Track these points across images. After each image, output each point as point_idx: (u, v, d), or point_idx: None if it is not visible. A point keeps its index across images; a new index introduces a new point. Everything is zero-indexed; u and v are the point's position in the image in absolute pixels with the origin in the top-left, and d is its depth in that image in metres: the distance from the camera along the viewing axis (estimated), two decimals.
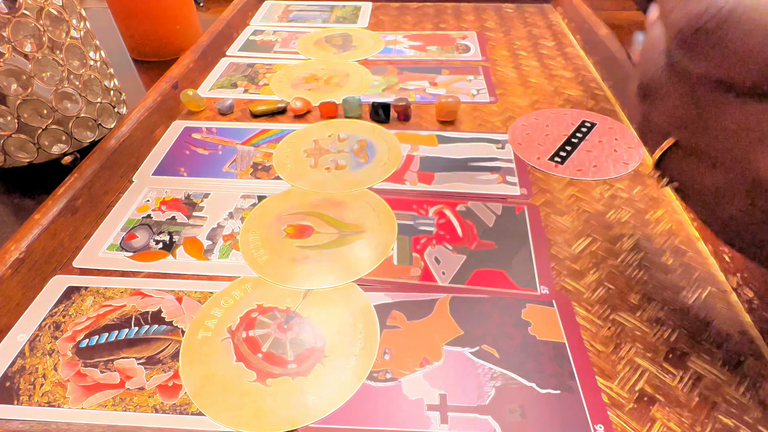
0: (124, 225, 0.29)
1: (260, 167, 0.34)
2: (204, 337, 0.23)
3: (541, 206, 0.30)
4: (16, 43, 0.29)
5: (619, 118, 0.38)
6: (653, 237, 0.28)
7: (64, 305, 0.25)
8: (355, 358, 0.22)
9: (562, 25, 0.55)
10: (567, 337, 0.23)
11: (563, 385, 0.21)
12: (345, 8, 0.60)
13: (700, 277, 0.25)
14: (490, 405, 0.20)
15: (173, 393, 0.21)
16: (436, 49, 0.49)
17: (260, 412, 0.20)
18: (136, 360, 0.22)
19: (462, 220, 0.29)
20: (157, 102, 0.37)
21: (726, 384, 0.21)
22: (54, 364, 0.22)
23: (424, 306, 0.24)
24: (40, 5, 0.30)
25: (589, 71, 0.45)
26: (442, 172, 0.33)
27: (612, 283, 0.25)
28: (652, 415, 0.20)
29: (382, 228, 0.29)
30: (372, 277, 0.26)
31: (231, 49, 0.50)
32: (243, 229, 0.29)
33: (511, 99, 0.41)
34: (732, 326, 0.23)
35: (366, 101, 0.40)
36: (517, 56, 0.48)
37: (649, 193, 0.31)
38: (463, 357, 0.22)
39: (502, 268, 0.26)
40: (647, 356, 0.22)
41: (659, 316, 0.24)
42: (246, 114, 0.40)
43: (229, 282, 0.26)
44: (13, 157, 0.32)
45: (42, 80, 0.31)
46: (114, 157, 0.32)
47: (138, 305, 0.24)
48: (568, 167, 0.33)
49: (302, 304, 0.25)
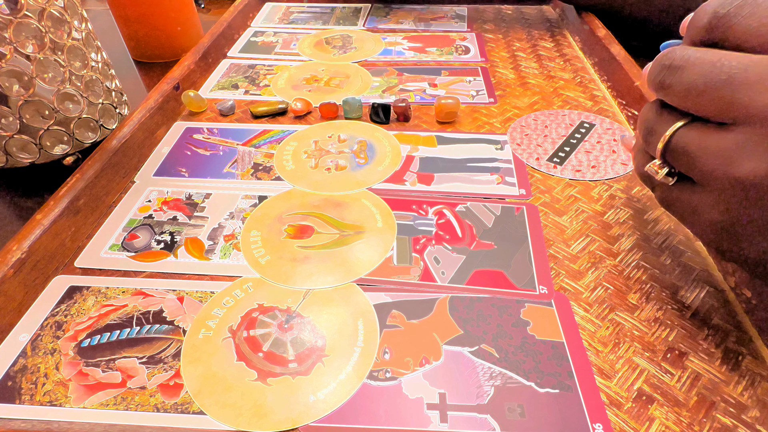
0: (126, 225, 0.29)
1: (261, 168, 0.34)
2: (205, 337, 0.23)
3: (540, 206, 0.30)
4: (18, 44, 0.29)
5: (618, 119, 0.38)
6: (651, 237, 0.28)
7: (66, 305, 0.25)
8: (355, 357, 0.22)
9: (561, 26, 0.55)
10: (566, 337, 0.23)
11: (562, 385, 0.21)
12: (345, 10, 0.60)
13: (698, 277, 0.26)
14: (489, 404, 0.20)
15: (174, 392, 0.21)
16: (435, 50, 0.50)
17: (261, 411, 0.20)
18: (137, 359, 0.22)
19: (461, 220, 0.29)
20: (158, 103, 0.37)
21: (724, 383, 0.21)
22: (56, 364, 0.22)
23: (423, 306, 0.24)
24: (42, 6, 0.30)
25: (588, 72, 0.45)
26: (442, 173, 0.33)
27: (611, 282, 0.26)
28: (650, 414, 0.20)
29: (382, 228, 0.29)
30: (372, 277, 0.26)
31: (232, 51, 0.50)
32: (244, 229, 0.29)
33: (511, 100, 0.41)
34: (730, 326, 0.23)
35: (366, 102, 0.40)
36: (516, 57, 0.48)
37: (648, 193, 0.31)
38: (462, 356, 0.22)
39: (501, 268, 0.26)
40: (646, 356, 0.22)
41: (657, 316, 0.24)
42: (247, 115, 0.40)
43: (230, 282, 0.26)
44: (15, 157, 0.32)
45: (44, 81, 0.31)
46: (115, 158, 0.32)
47: (139, 305, 0.25)
48: (566, 168, 0.33)
49: (303, 303, 0.25)
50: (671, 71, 0.19)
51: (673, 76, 0.19)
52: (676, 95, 0.19)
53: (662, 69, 0.19)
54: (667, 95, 0.19)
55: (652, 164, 0.21)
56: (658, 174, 0.20)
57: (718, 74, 0.17)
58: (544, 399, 0.21)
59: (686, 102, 0.18)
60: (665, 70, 0.19)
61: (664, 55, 0.19)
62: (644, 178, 0.23)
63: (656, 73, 0.20)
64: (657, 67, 0.20)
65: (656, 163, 0.20)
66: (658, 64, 0.20)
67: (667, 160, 0.20)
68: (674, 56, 0.19)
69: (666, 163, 0.20)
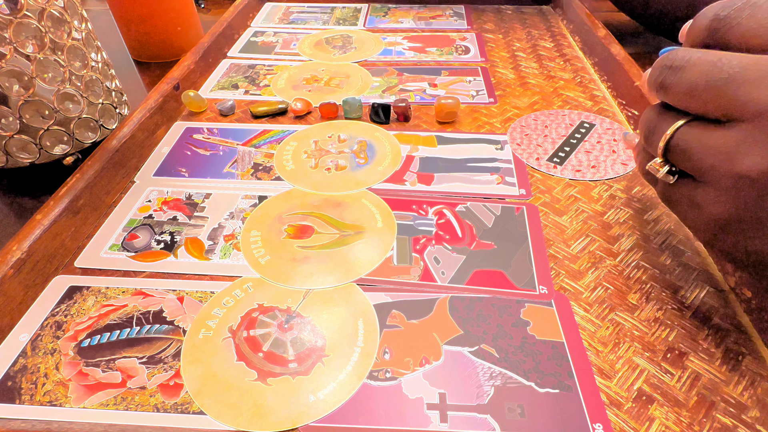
0: (126, 225, 0.29)
1: (261, 168, 0.34)
2: (205, 337, 0.23)
3: (540, 206, 0.30)
4: (18, 44, 0.29)
5: (618, 119, 0.38)
6: (651, 237, 0.28)
7: (66, 305, 0.25)
8: (355, 357, 0.22)
9: (561, 26, 0.55)
10: (566, 337, 0.23)
11: (562, 385, 0.21)
12: (345, 10, 0.60)
13: (698, 277, 0.26)
14: (489, 404, 0.20)
15: (174, 392, 0.21)
16: (435, 50, 0.50)
17: (261, 411, 0.20)
18: (137, 359, 0.22)
19: (461, 220, 0.29)
20: (158, 103, 0.37)
21: (724, 383, 0.21)
22: (56, 364, 0.22)
23: (423, 306, 0.24)
24: (42, 6, 0.30)
25: (588, 72, 0.45)
26: (442, 173, 0.33)
27: (611, 282, 0.26)
28: (650, 414, 0.20)
29: (382, 228, 0.29)
30: (372, 277, 0.26)
31: (232, 51, 0.50)
32: (244, 229, 0.29)
33: (511, 100, 0.41)
34: (730, 326, 0.23)
35: (366, 102, 0.40)
36: (516, 57, 0.48)
37: (648, 193, 0.31)
38: (462, 356, 0.22)
39: (501, 268, 0.26)
40: (646, 356, 0.22)
41: (657, 316, 0.24)
42: (247, 115, 0.40)
43: (230, 282, 0.26)
44: (15, 157, 0.32)
45: (44, 81, 0.31)
46: (115, 158, 0.32)
47: (139, 305, 0.25)
48: (566, 168, 0.33)
49: (303, 303, 0.25)
50: (672, 71, 0.19)
51: (675, 76, 0.19)
52: (677, 94, 0.19)
53: (663, 70, 0.20)
54: (668, 95, 0.20)
55: (653, 163, 0.21)
56: (659, 172, 0.21)
57: (718, 73, 0.17)
58: (544, 399, 0.21)
59: (687, 101, 0.19)
60: (666, 71, 0.19)
61: (665, 57, 0.20)
62: (646, 175, 0.23)
63: (657, 75, 0.20)
64: (658, 68, 0.20)
65: (657, 161, 0.21)
66: (659, 65, 0.20)
67: (668, 158, 0.20)
68: (675, 57, 0.19)
69: (667, 162, 0.20)
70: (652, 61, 0.21)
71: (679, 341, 0.23)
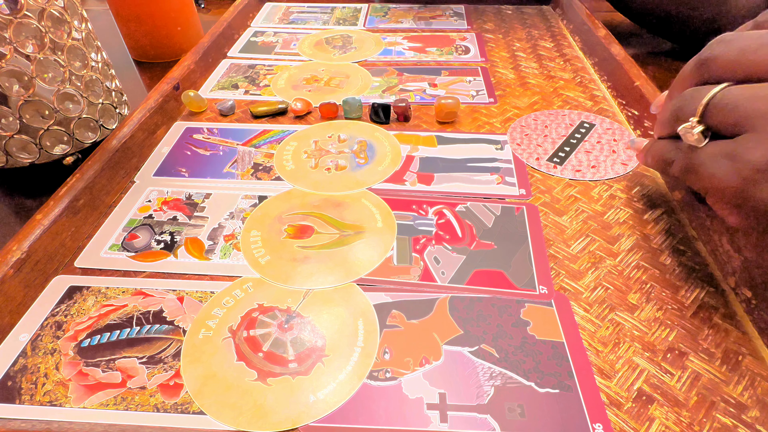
0: (126, 225, 0.29)
1: (261, 168, 0.34)
2: (205, 337, 0.23)
3: (540, 206, 0.30)
4: (18, 44, 0.29)
5: (618, 119, 0.38)
6: (651, 237, 0.28)
7: (66, 305, 0.25)
8: (355, 357, 0.22)
9: (561, 26, 0.55)
10: (566, 337, 0.23)
11: (562, 385, 0.21)
12: (345, 10, 0.60)
13: (698, 277, 0.26)
14: (489, 404, 0.20)
15: (174, 392, 0.21)
16: (435, 50, 0.50)
17: (261, 411, 0.20)
18: (137, 359, 0.22)
19: (461, 220, 0.29)
20: (158, 103, 0.37)
21: (724, 383, 0.21)
22: (56, 364, 0.22)
23: (423, 306, 0.24)
24: (42, 6, 0.30)
25: (588, 72, 0.45)
26: (442, 173, 0.33)
27: (611, 283, 0.26)
28: (650, 414, 0.20)
29: (382, 228, 0.29)
30: (372, 277, 0.26)
31: (232, 51, 0.50)
32: (244, 229, 0.29)
33: (511, 100, 0.41)
34: (730, 326, 0.23)
35: (366, 102, 0.40)
36: (516, 57, 0.48)
37: (648, 193, 0.31)
38: (462, 356, 0.22)
39: (501, 268, 0.26)
40: (646, 356, 0.22)
41: (657, 316, 0.24)
42: (247, 115, 0.40)
43: (230, 282, 0.26)
44: (15, 157, 0.32)
45: (44, 81, 0.31)
46: (115, 158, 0.32)
47: (139, 305, 0.25)
48: (566, 168, 0.33)
49: (303, 303, 0.25)
50: (720, 43, 0.21)
51: (723, 46, 0.21)
52: (725, 60, 0.20)
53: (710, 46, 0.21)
54: (712, 65, 0.21)
55: (687, 125, 0.22)
56: (693, 132, 0.21)
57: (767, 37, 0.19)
58: (544, 399, 0.21)
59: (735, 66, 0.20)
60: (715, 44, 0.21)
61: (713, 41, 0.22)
62: (659, 163, 0.25)
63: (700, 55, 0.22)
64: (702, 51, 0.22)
65: (693, 121, 0.21)
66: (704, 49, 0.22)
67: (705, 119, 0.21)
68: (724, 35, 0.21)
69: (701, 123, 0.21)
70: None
71: (679, 341, 0.23)
